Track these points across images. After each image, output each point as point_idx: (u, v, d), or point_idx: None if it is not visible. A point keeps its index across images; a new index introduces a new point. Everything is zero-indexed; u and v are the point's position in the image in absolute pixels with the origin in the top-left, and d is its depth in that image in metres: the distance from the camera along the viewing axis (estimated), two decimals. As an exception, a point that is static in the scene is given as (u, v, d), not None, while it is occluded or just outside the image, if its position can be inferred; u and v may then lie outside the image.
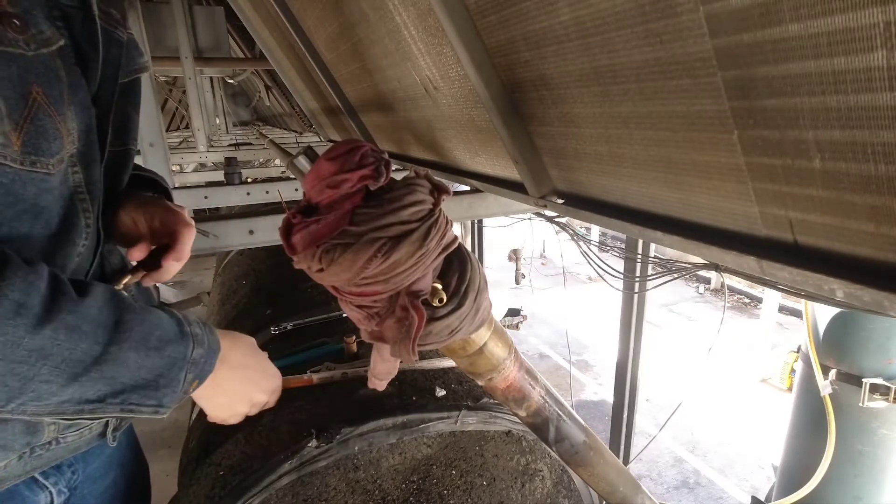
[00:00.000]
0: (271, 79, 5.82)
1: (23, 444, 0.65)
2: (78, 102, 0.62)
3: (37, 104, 0.55)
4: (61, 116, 0.58)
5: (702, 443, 5.61)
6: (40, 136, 0.56)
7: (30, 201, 0.57)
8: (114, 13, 0.72)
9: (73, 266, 0.66)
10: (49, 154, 0.57)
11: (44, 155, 0.57)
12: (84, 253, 0.67)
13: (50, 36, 0.57)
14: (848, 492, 2.00)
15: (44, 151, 0.56)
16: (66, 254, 0.64)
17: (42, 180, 0.58)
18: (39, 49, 0.55)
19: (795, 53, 0.41)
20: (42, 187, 0.58)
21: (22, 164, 0.55)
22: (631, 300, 2.60)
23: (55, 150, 0.58)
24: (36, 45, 0.55)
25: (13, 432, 0.64)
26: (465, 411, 1.00)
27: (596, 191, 0.88)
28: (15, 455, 0.65)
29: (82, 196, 0.65)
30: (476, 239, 5.84)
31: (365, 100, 1.91)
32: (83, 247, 0.67)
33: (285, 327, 1.52)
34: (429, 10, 0.93)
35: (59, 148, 0.58)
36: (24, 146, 0.54)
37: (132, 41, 0.79)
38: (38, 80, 0.55)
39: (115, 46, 0.71)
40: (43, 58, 0.56)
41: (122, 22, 0.74)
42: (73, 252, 0.65)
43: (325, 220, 0.50)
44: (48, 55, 0.57)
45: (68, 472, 0.79)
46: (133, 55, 0.79)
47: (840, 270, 0.49)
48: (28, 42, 0.54)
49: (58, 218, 0.62)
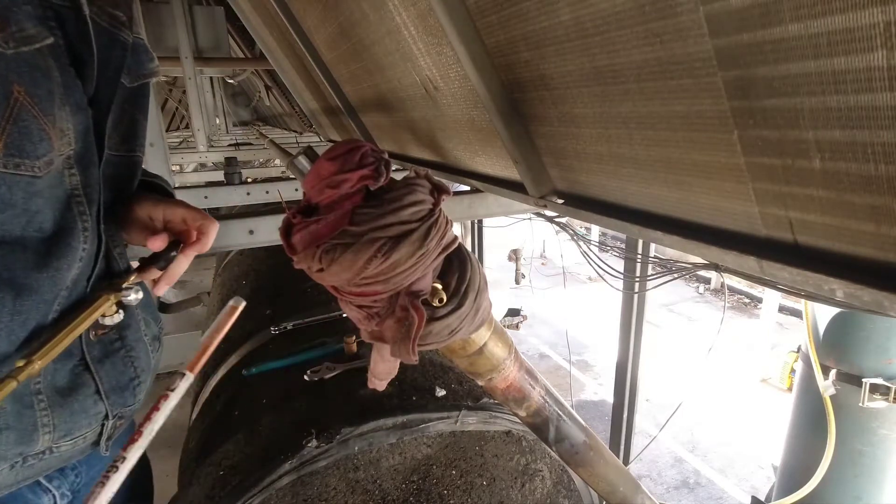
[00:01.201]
0: (271, 79, 5.81)
1: (15, 453, 0.64)
2: (73, 103, 0.61)
3: (19, 104, 0.53)
4: (49, 117, 0.57)
5: (702, 443, 5.61)
6: (24, 137, 0.54)
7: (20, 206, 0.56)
8: (119, 15, 0.70)
9: (75, 272, 0.65)
10: (34, 156, 0.56)
11: (28, 157, 0.55)
12: (85, 257, 0.66)
13: (34, 34, 0.55)
14: (848, 492, 2.00)
15: (28, 153, 0.55)
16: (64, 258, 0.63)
17: (28, 183, 0.56)
18: (19, 47, 0.53)
19: (795, 53, 0.41)
20: (30, 191, 0.57)
21: (5, 167, 0.53)
22: (631, 300, 2.60)
23: (41, 151, 0.56)
24: (15, 43, 0.53)
25: (6, 442, 0.63)
26: (465, 411, 1.00)
27: (596, 191, 0.88)
28: (7, 464, 0.64)
29: (79, 199, 0.64)
30: (476, 239, 5.84)
31: (365, 100, 1.91)
32: (84, 251, 0.66)
33: (285, 327, 1.52)
34: (429, 10, 0.93)
35: (47, 149, 0.57)
36: (6, 148, 0.53)
37: (141, 45, 0.77)
38: (19, 79, 0.53)
39: (118, 48, 0.69)
40: (25, 56, 0.54)
41: (128, 24, 0.71)
42: (73, 256, 0.64)
43: (325, 220, 0.50)
44: (31, 53, 0.55)
45: (71, 475, 0.79)
46: (142, 59, 0.77)
47: (840, 270, 0.49)
48: (6, 40, 0.52)
49: (51, 222, 0.61)
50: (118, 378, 0.77)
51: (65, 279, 0.64)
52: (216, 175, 5.02)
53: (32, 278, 0.60)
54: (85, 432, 0.73)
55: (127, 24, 0.71)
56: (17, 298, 0.59)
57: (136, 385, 0.81)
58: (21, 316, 0.60)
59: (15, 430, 0.63)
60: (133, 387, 0.80)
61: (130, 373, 0.79)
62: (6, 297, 0.58)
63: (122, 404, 0.78)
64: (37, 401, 0.65)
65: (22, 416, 0.64)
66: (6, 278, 0.58)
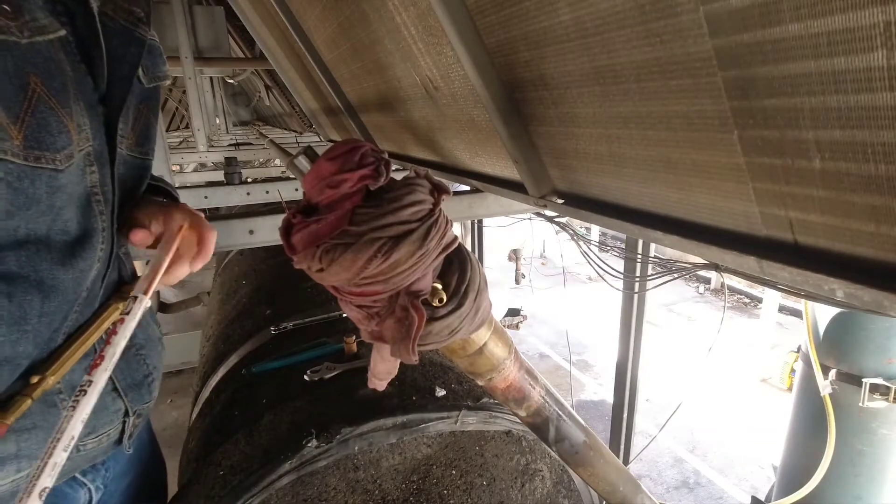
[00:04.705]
0: (271, 79, 5.82)
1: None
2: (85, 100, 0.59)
3: (36, 95, 0.52)
4: (66, 110, 0.55)
5: (702, 443, 5.61)
6: (42, 129, 0.53)
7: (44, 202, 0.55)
8: (137, 11, 0.68)
9: (94, 272, 0.64)
10: (54, 149, 0.54)
11: (48, 149, 0.54)
12: (103, 258, 0.66)
13: (46, 24, 0.54)
14: (848, 492, 2.00)
15: (48, 146, 0.53)
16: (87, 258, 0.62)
17: (51, 177, 0.55)
18: (34, 37, 0.52)
19: (795, 53, 0.41)
20: (53, 185, 0.55)
21: (25, 160, 0.52)
22: (631, 300, 2.59)
23: (61, 144, 0.55)
24: (30, 32, 0.52)
25: (36, 440, 0.63)
26: (465, 411, 1.00)
27: (596, 190, 0.88)
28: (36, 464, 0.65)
29: (98, 198, 0.63)
30: (476, 239, 5.84)
31: (365, 100, 1.91)
32: (102, 251, 0.65)
33: (285, 327, 1.52)
34: (429, 10, 0.93)
35: (67, 142, 0.56)
36: (25, 140, 0.51)
37: (157, 47, 0.76)
38: (35, 69, 0.52)
39: (135, 45, 0.67)
40: (39, 46, 0.53)
41: (146, 20, 0.70)
42: (94, 257, 0.64)
43: (325, 220, 0.50)
44: (45, 44, 0.54)
45: (102, 469, 0.81)
46: (157, 62, 0.76)
47: (840, 270, 0.49)
48: (21, 29, 0.51)
49: (75, 221, 0.60)
50: (133, 375, 0.78)
51: (87, 280, 0.64)
52: (216, 175, 5.02)
53: (59, 280, 0.59)
54: (108, 429, 0.75)
55: (145, 21, 0.69)
56: (45, 300, 0.58)
57: (151, 382, 0.83)
58: (47, 318, 0.59)
59: (42, 429, 0.64)
60: (148, 383, 0.82)
61: (144, 370, 0.81)
62: (34, 300, 0.57)
63: (139, 401, 0.80)
64: (59, 399, 0.66)
65: (47, 415, 0.64)
66: (34, 280, 0.57)
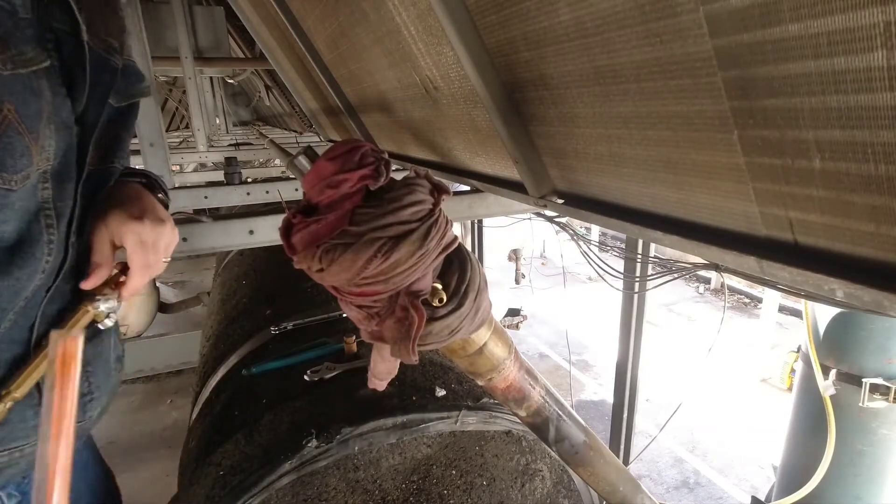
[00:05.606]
0: (271, 79, 5.82)
1: None
2: (60, 121, 0.63)
3: (7, 121, 0.56)
4: (34, 135, 0.59)
5: (702, 443, 5.60)
6: (6, 153, 0.57)
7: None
8: (112, 42, 0.74)
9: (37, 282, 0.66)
10: (13, 171, 0.58)
11: (6, 171, 0.58)
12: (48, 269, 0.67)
13: (32, 56, 0.58)
14: (848, 492, 2.00)
15: (7, 168, 0.58)
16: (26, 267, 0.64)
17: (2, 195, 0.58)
18: (16, 69, 0.57)
19: (795, 53, 0.41)
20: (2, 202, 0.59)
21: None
22: (631, 300, 2.59)
23: (20, 167, 0.59)
24: (13, 65, 0.56)
25: None
26: (465, 411, 1.00)
27: (596, 190, 0.88)
28: None
29: (48, 212, 0.66)
30: (476, 239, 5.84)
31: (365, 100, 1.91)
32: (48, 262, 0.67)
33: (285, 327, 1.52)
34: (429, 10, 0.93)
35: (26, 165, 0.59)
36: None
37: (133, 68, 0.81)
38: (11, 97, 0.56)
39: (108, 72, 0.73)
40: (21, 77, 0.57)
41: (119, 50, 0.76)
42: (36, 267, 0.65)
43: (325, 220, 0.50)
44: (27, 75, 0.58)
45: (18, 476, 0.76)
46: (132, 81, 0.81)
47: (840, 270, 0.49)
48: (4, 62, 0.55)
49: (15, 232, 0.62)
50: None
51: (25, 289, 0.65)
52: (216, 175, 5.03)
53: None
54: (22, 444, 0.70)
55: (118, 51, 0.76)
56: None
57: (89, 401, 0.78)
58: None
59: None
60: (83, 403, 0.76)
61: (83, 387, 0.76)
62: None
63: None
64: None
65: None
66: None
